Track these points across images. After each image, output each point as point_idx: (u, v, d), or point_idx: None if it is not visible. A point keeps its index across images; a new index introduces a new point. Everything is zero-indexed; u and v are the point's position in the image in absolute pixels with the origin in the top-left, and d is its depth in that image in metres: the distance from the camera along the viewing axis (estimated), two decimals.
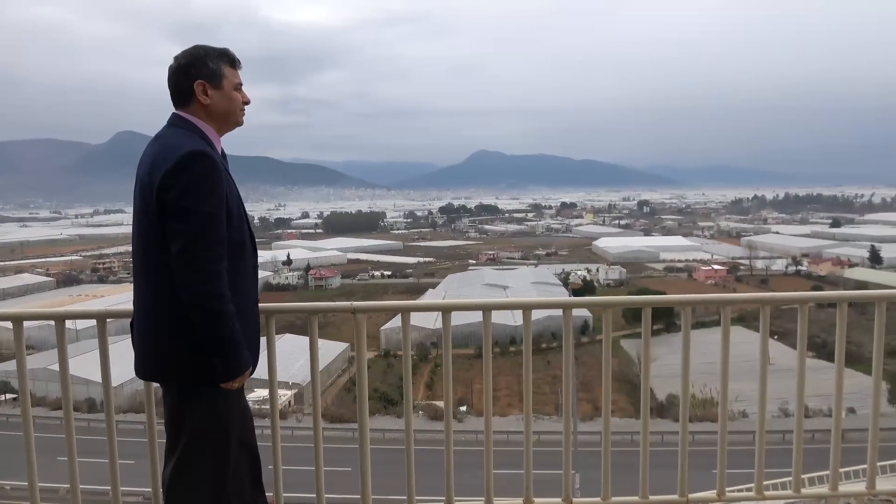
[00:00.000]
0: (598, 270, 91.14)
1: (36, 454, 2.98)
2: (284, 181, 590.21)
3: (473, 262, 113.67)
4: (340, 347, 47.11)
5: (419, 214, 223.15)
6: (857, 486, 3.18)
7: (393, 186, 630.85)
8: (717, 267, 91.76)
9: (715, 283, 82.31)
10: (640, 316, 3.07)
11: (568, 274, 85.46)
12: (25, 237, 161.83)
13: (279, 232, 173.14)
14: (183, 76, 2.46)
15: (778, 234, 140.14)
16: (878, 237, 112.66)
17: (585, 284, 77.21)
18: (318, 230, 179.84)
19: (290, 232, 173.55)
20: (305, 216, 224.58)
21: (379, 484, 3.37)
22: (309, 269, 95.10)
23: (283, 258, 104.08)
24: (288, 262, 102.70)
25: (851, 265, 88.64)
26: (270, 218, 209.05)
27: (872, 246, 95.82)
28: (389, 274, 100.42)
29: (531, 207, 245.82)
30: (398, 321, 3.07)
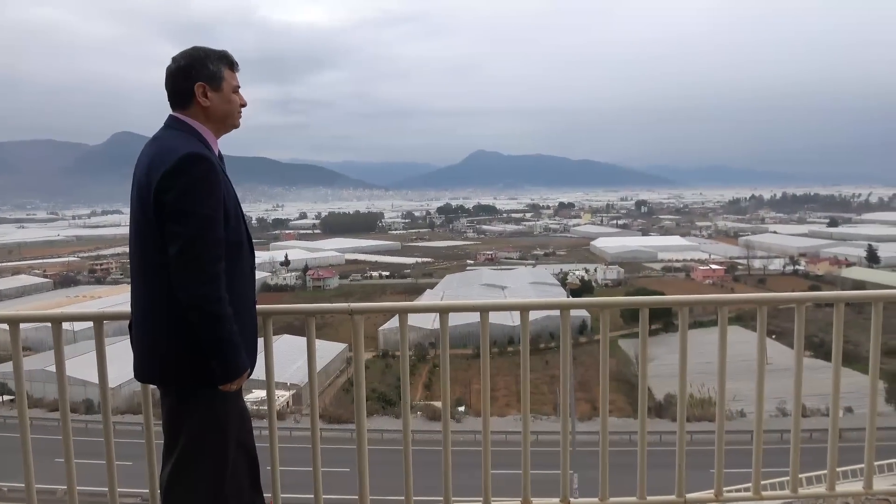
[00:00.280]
0: (595, 270, 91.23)
1: (33, 456, 2.99)
2: (282, 181, 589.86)
3: (471, 262, 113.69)
4: (339, 348, 47.07)
5: (417, 215, 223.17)
6: (854, 485, 3.19)
7: (391, 187, 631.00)
8: (714, 266, 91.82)
9: (713, 282, 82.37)
10: (638, 316, 3.08)
11: (566, 274, 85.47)
12: (23, 238, 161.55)
13: (277, 232, 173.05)
14: (183, 78, 2.45)
15: (775, 233, 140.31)
16: (875, 236, 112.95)
17: (583, 284, 77.22)
18: (315, 231, 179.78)
19: (287, 232, 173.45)
20: (303, 217, 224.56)
21: (377, 484, 3.37)
22: (307, 269, 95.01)
23: (280, 259, 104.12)
24: (286, 262, 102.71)
25: (849, 265, 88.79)
26: (268, 218, 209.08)
27: (870, 245, 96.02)
28: (387, 274, 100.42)
29: (529, 207, 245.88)
30: (396, 321, 3.08)
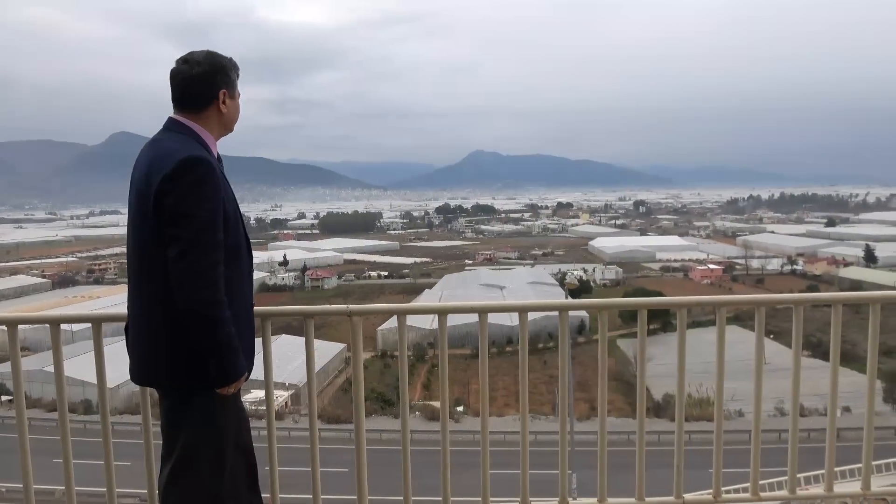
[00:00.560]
0: (594, 270, 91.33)
1: (32, 456, 2.99)
2: (281, 181, 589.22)
3: (470, 262, 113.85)
4: (337, 348, 47.05)
5: (416, 215, 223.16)
6: (852, 486, 3.19)
7: (389, 187, 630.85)
8: (712, 266, 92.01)
9: (711, 282, 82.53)
10: (636, 315, 3.09)
11: (564, 274, 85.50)
12: (21, 238, 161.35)
13: (275, 232, 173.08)
14: (206, 83, 2.46)
15: (773, 233, 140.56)
16: (872, 236, 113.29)
17: (582, 284, 77.25)
18: (314, 231, 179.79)
19: (286, 232, 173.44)
20: (302, 217, 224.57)
21: (375, 485, 3.38)
22: (305, 269, 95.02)
23: (279, 259, 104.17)
24: (284, 262, 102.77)
25: (846, 264, 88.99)
26: (267, 218, 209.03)
27: (867, 245, 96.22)
28: (386, 274, 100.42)
29: (527, 207, 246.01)
30: (395, 321, 3.08)
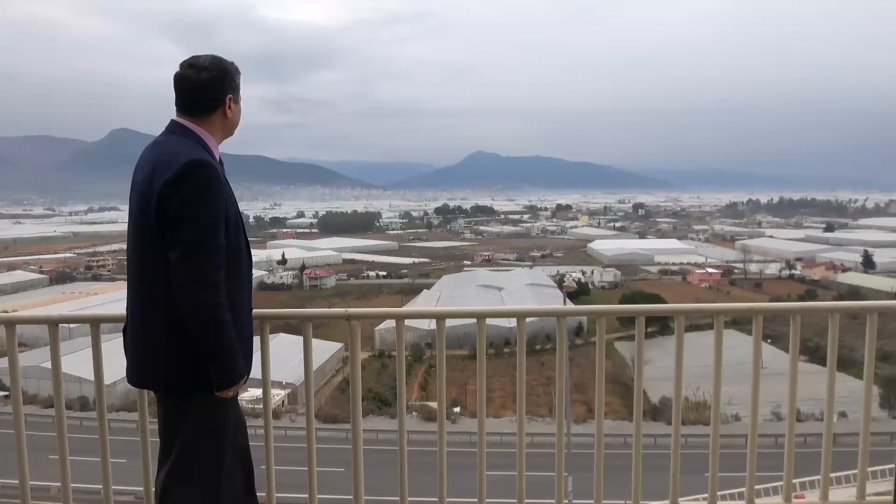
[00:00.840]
0: (592, 273, 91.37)
1: (28, 452, 2.99)
2: (280, 180, 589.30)
3: (469, 263, 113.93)
4: (335, 347, 47.03)
5: (415, 215, 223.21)
6: (847, 492, 3.19)
7: (389, 186, 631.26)
8: (711, 270, 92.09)
9: (709, 286, 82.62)
10: (634, 319, 3.09)
11: (563, 276, 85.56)
12: (19, 234, 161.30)
13: (274, 231, 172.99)
14: (215, 88, 2.46)
15: (772, 237, 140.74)
16: (871, 242, 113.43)
17: (580, 287, 77.27)
18: (313, 230, 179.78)
19: (285, 231, 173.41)
20: (301, 215, 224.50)
21: (372, 485, 3.38)
22: (304, 268, 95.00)
23: (278, 257, 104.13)
24: (283, 261, 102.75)
25: (845, 270, 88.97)
26: (266, 217, 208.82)
27: (865, 251, 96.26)
28: (384, 274, 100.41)
29: (527, 209, 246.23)
30: (393, 322, 3.08)
